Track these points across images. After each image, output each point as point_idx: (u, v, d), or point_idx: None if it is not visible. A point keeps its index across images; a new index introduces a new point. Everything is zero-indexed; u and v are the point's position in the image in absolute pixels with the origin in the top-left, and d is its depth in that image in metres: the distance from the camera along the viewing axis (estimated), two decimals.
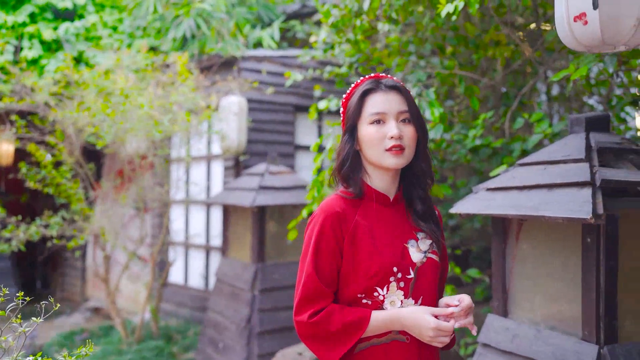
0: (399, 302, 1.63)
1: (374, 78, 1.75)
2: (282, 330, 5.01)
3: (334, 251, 1.63)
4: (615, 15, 1.52)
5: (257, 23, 7.14)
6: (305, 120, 6.55)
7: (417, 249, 1.69)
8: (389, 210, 1.73)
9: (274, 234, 5.27)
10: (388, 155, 1.64)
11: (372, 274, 1.61)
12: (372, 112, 1.66)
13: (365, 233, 1.66)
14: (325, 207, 1.67)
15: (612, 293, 2.19)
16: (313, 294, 1.61)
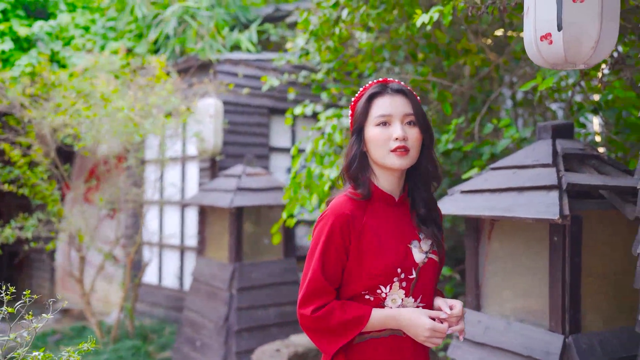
0: (400, 300, 1.71)
1: (381, 82, 1.81)
2: (259, 328, 5.13)
3: (340, 252, 1.70)
4: (576, 37, 1.70)
5: (235, 24, 7.22)
6: (279, 122, 6.68)
7: (419, 249, 1.76)
8: (394, 210, 1.79)
9: (250, 234, 5.39)
10: (393, 156, 1.70)
11: (377, 273, 1.69)
12: (378, 114, 1.72)
13: (372, 233, 1.72)
14: (335, 209, 1.73)
15: (576, 287, 2.39)
16: (317, 291, 1.69)
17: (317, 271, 1.69)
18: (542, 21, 1.71)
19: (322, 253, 1.69)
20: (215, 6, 6.86)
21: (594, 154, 2.69)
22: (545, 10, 1.70)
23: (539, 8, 1.72)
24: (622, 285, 2.50)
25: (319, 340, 1.71)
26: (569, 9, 1.66)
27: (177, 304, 6.61)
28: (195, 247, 6.42)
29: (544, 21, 1.71)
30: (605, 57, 1.71)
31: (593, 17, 1.65)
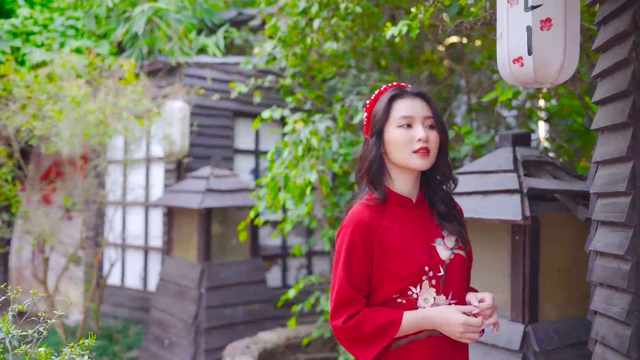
0: (432, 299, 1.70)
1: (398, 86, 1.82)
2: (228, 326, 5.26)
3: (363, 259, 1.69)
4: (544, 61, 1.93)
5: (201, 27, 7.31)
6: (243, 125, 6.81)
7: (444, 246, 1.76)
8: (413, 212, 1.79)
9: (218, 234, 5.51)
10: (415, 157, 1.71)
11: (405, 275, 1.68)
12: (400, 115, 1.73)
13: (393, 237, 1.72)
14: (353, 217, 1.73)
15: (534, 282, 2.65)
16: (346, 300, 1.69)
17: (343, 281, 1.69)
18: (514, 46, 1.94)
19: (345, 263, 1.69)
20: (182, 9, 6.94)
21: (548, 161, 2.97)
22: (517, 36, 1.93)
23: (511, 34, 1.95)
24: (575, 279, 2.79)
25: (354, 350, 1.71)
26: (538, 35, 1.89)
27: (141, 304, 6.64)
28: (161, 248, 6.48)
29: (516, 46, 1.93)
30: (568, 77, 1.95)
31: (558, 43, 1.89)
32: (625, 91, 2.03)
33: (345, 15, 4.21)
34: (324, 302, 4.57)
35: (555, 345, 2.61)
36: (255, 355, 4.51)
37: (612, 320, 2.13)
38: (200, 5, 7.16)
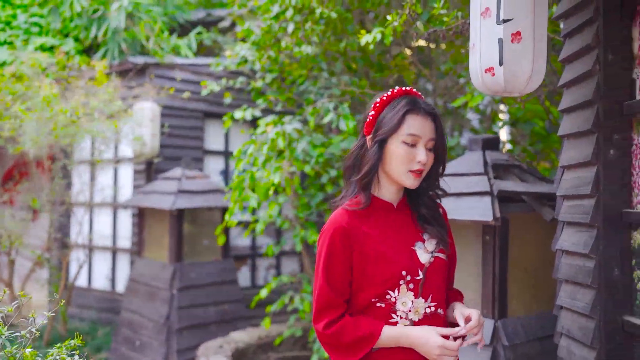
0: (410, 303, 1.70)
1: (410, 94, 1.79)
2: (200, 326, 5.29)
3: (343, 264, 1.71)
4: (514, 71, 2.05)
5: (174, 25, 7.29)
6: (213, 126, 6.83)
7: (424, 250, 1.76)
8: (394, 216, 1.80)
9: (190, 235, 5.53)
10: (410, 176, 1.72)
11: (383, 280, 1.69)
12: (409, 132, 1.70)
13: (373, 242, 1.73)
14: (332, 223, 1.74)
15: (503, 279, 2.78)
16: (326, 305, 1.71)
17: (323, 285, 1.71)
18: (487, 56, 2.05)
19: (325, 267, 1.72)
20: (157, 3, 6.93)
21: (516, 164, 3.11)
22: (488, 48, 2.04)
23: (483, 45, 2.06)
24: (542, 276, 2.94)
25: (334, 356, 1.75)
26: (508, 47, 2.01)
27: (109, 305, 6.60)
28: (130, 249, 6.45)
29: (488, 57, 2.04)
30: (536, 87, 2.07)
31: (527, 55, 2.01)
32: (589, 101, 2.17)
33: (318, 19, 4.29)
34: (297, 301, 4.65)
35: (523, 339, 2.75)
36: (228, 354, 4.56)
37: (577, 314, 2.27)
38: (170, 3, 7.15)
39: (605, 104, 2.11)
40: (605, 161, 2.11)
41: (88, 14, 6.76)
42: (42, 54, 6.26)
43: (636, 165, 2.08)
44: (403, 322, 1.70)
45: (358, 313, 1.74)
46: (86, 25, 6.84)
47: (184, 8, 7.40)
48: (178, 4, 7.48)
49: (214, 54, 7.57)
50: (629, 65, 2.11)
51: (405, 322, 1.71)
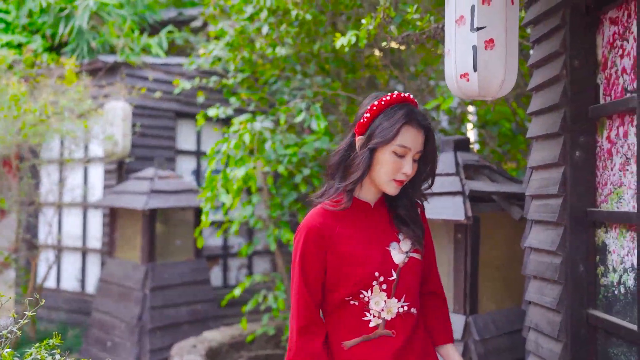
0: (383, 302, 1.72)
1: (407, 102, 1.77)
2: (172, 326, 5.29)
3: (317, 263, 1.72)
4: (488, 77, 2.13)
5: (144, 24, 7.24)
6: (185, 126, 6.82)
7: (398, 250, 1.77)
8: (370, 215, 1.80)
9: (162, 235, 5.52)
10: (392, 184, 1.72)
11: (356, 281, 1.70)
12: (401, 143, 1.69)
13: (347, 242, 1.73)
14: (307, 222, 1.75)
15: (474, 276, 2.88)
16: (303, 307, 1.73)
17: (300, 284, 1.73)
18: (461, 62, 2.13)
19: (300, 266, 1.73)
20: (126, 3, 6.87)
21: (486, 165, 3.22)
22: (463, 54, 2.12)
23: (458, 52, 2.15)
24: (511, 273, 3.05)
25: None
26: (482, 54, 2.09)
27: (79, 306, 6.53)
28: (100, 249, 6.40)
29: (463, 63, 2.13)
30: (508, 92, 2.16)
31: (500, 61, 2.10)
32: (557, 105, 2.27)
33: (293, 21, 4.34)
34: (271, 299, 4.69)
35: (493, 333, 2.85)
36: (202, 353, 4.58)
37: (544, 308, 2.38)
38: (140, 2, 7.10)
39: (572, 107, 2.22)
40: (571, 162, 2.22)
41: (55, 12, 6.67)
42: (9, 51, 6.16)
43: (600, 166, 2.19)
44: (376, 320, 1.72)
45: (333, 310, 1.76)
46: (53, 23, 6.75)
47: (154, 7, 7.36)
48: (148, 4, 7.44)
49: (185, 54, 7.55)
50: (594, 71, 2.22)
51: (378, 321, 1.72)
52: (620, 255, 2.05)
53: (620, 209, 2.05)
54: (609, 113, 2.11)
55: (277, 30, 4.39)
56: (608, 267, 2.13)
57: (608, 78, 2.16)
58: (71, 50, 6.50)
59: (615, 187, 2.10)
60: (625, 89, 2.03)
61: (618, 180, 2.08)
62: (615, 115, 2.10)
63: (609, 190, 2.13)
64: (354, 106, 4.66)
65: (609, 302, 2.12)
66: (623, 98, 2.01)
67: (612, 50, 2.13)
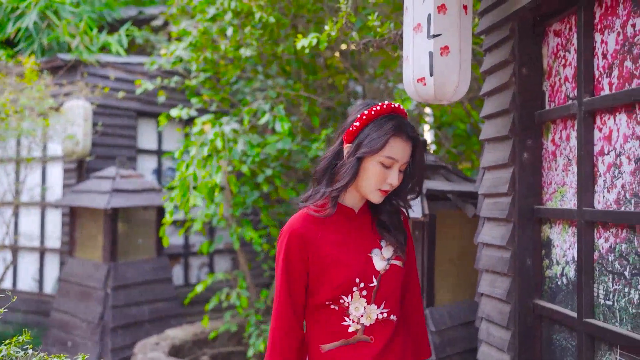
0: (362, 309, 1.72)
1: (397, 113, 1.76)
2: (134, 325, 5.30)
3: (299, 267, 1.74)
4: (443, 82, 2.28)
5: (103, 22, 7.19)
6: (146, 125, 6.81)
7: (380, 257, 1.77)
8: (353, 221, 1.80)
9: (124, 234, 5.53)
10: (377, 194, 1.73)
11: (336, 285, 1.70)
12: (388, 155, 1.69)
13: (329, 247, 1.74)
14: (290, 226, 1.76)
15: (431, 271, 3.04)
16: (283, 308, 1.75)
17: (282, 286, 1.75)
18: (419, 68, 2.27)
19: (283, 269, 1.75)
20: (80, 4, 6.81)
21: (442, 165, 3.38)
22: (420, 60, 2.26)
23: (415, 57, 2.28)
24: (465, 267, 3.22)
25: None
26: (438, 60, 2.23)
27: (37, 307, 6.45)
28: (59, 249, 6.34)
29: (420, 68, 2.27)
30: (462, 96, 2.31)
31: (454, 67, 2.24)
32: (506, 110, 2.44)
33: (257, 23, 4.43)
34: (233, 297, 4.77)
35: (449, 325, 3.02)
36: (165, 351, 4.62)
37: (495, 300, 2.54)
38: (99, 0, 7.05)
39: (520, 112, 2.39)
40: (520, 163, 2.38)
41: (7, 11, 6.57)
42: None
43: (545, 167, 2.37)
44: (355, 325, 1.72)
45: (313, 313, 1.77)
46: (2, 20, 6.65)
47: (112, 6, 7.31)
48: (107, 2, 7.39)
49: (146, 53, 7.53)
50: (540, 79, 2.39)
51: (357, 327, 1.72)
52: (563, 249, 2.23)
53: (563, 207, 2.22)
54: (553, 118, 2.28)
55: (241, 32, 4.47)
56: (552, 260, 2.30)
57: (552, 86, 2.33)
58: (24, 48, 6.42)
59: (558, 186, 2.27)
60: (568, 96, 2.21)
61: (561, 180, 2.25)
62: (558, 120, 2.27)
63: (553, 189, 2.31)
64: (315, 107, 4.78)
65: (552, 293, 2.29)
66: (565, 104, 2.19)
67: (556, 60, 2.31)
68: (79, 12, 6.59)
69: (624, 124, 1.88)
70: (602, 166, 1.99)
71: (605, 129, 1.98)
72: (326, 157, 1.80)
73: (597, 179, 2.01)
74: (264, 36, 4.61)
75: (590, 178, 2.03)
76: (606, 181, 1.96)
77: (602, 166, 1.99)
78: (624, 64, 1.88)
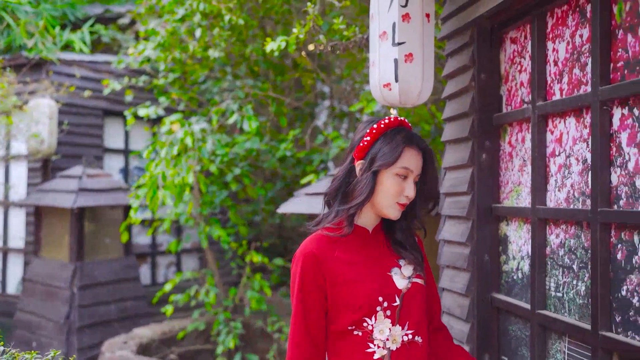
0: (387, 330, 1.64)
1: (404, 125, 1.78)
2: (101, 324, 5.30)
3: (316, 291, 1.67)
4: (407, 87, 2.39)
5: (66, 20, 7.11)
6: (113, 124, 6.79)
7: (401, 275, 1.72)
8: (368, 241, 1.76)
9: (91, 233, 5.51)
10: (396, 208, 1.71)
11: (358, 307, 1.63)
12: (404, 166, 1.68)
13: (347, 268, 1.67)
14: (303, 249, 1.70)
15: None
16: (301, 345, 1.67)
17: (298, 316, 1.68)
18: (384, 74, 2.38)
19: (299, 297, 1.68)
20: (41, 2, 6.73)
21: None
22: (386, 66, 2.37)
23: (381, 64, 2.39)
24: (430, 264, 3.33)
25: None
26: (402, 67, 2.35)
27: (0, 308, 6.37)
28: (23, 249, 6.27)
29: (386, 74, 2.37)
30: (425, 100, 2.43)
31: (418, 73, 2.36)
32: (466, 112, 2.56)
33: (225, 25, 4.49)
34: (202, 294, 4.81)
35: None
36: (133, 349, 4.64)
37: (456, 294, 2.66)
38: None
39: (479, 115, 2.51)
40: (478, 164, 2.51)
41: None
42: None
43: (503, 167, 2.50)
44: (380, 351, 1.64)
45: (334, 343, 1.69)
46: None
47: (74, 4, 7.24)
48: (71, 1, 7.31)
49: (113, 51, 7.49)
50: (498, 84, 2.52)
51: (383, 352, 1.64)
52: (519, 245, 2.36)
53: (519, 205, 2.35)
54: (510, 121, 2.41)
55: (210, 33, 4.52)
56: (509, 256, 2.44)
57: (509, 90, 2.46)
58: None
59: (514, 186, 2.40)
60: (523, 100, 2.34)
61: (517, 179, 2.38)
62: (515, 123, 2.40)
63: (510, 188, 2.44)
64: (283, 107, 4.86)
65: (509, 286, 2.42)
66: (521, 108, 2.32)
67: (512, 65, 2.44)
68: (39, 11, 6.51)
69: (573, 128, 2.02)
70: (554, 167, 2.12)
71: (556, 132, 2.11)
72: (337, 176, 1.76)
73: (549, 179, 2.15)
74: (232, 37, 4.66)
75: (543, 178, 2.17)
76: (557, 181, 2.10)
77: (553, 167, 2.12)
78: (573, 71, 2.02)
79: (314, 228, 1.76)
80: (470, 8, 2.46)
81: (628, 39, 1.75)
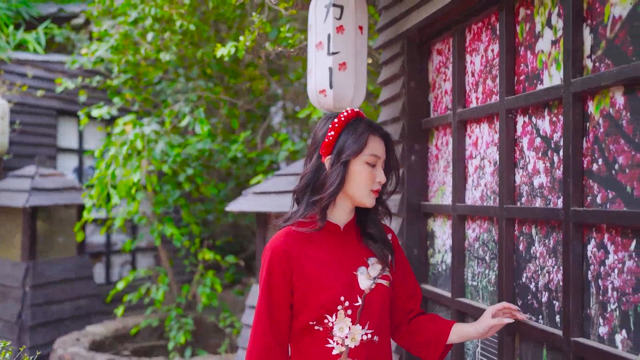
0: (347, 329, 1.68)
1: (361, 116, 1.81)
2: (54, 323, 5.34)
3: (282, 286, 1.69)
4: (341, 93, 2.58)
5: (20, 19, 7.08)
6: (67, 124, 6.80)
7: (366, 275, 1.74)
8: (339, 239, 1.77)
9: (44, 232, 5.54)
10: (371, 196, 1.74)
11: (321, 304, 1.66)
12: (371, 153, 1.72)
13: (314, 265, 1.69)
14: (272, 244, 1.72)
15: None
16: (261, 337, 1.69)
17: (262, 308, 1.70)
18: (320, 81, 2.56)
19: (265, 290, 1.71)
20: None
21: None
22: (321, 74, 2.55)
23: (317, 71, 2.57)
24: None
25: None
26: (336, 75, 2.53)
27: None
28: None
29: (321, 81, 2.56)
30: (358, 105, 2.63)
31: (351, 81, 2.55)
32: (397, 117, 2.76)
33: (177, 30, 4.61)
34: (153, 291, 4.92)
35: None
36: (86, 346, 4.71)
37: None
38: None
39: (409, 120, 2.72)
40: (408, 165, 2.72)
41: None
42: None
43: (430, 168, 2.71)
44: (339, 348, 1.68)
45: (297, 335, 1.72)
46: None
47: (28, 2, 7.22)
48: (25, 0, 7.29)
49: (67, 51, 7.49)
50: (426, 91, 2.73)
51: (342, 349, 1.68)
52: (443, 239, 2.57)
53: (443, 203, 2.57)
54: (436, 125, 2.63)
55: (162, 37, 4.63)
56: (435, 250, 2.65)
57: (436, 97, 2.68)
58: None
59: (440, 185, 2.62)
60: (447, 106, 2.55)
61: (442, 179, 2.60)
62: (440, 127, 2.62)
63: (436, 187, 2.65)
64: (235, 110, 5.00)
65: (435, 277, 2.64)
66: (445, 114, 2.53)
67: (438, 75, 2.65)
68: None
69: (486, 133, 2.24)
70: (471, 168, 2.34)
71: (473, 136, 2.33)
72: (305, 174, 1.77)
73: (467, 179, 2.37)
74: (184, 41, 4.78)
75: (463, 178, 2.38)
76: (474, 181, 2.32)
77: (471, 168, 2.34)
78: (486, 82, 2.24)
79: (283, 225, 1.77)
80: (401, 21, 2.67)
81: (528, 55, 1.97)
